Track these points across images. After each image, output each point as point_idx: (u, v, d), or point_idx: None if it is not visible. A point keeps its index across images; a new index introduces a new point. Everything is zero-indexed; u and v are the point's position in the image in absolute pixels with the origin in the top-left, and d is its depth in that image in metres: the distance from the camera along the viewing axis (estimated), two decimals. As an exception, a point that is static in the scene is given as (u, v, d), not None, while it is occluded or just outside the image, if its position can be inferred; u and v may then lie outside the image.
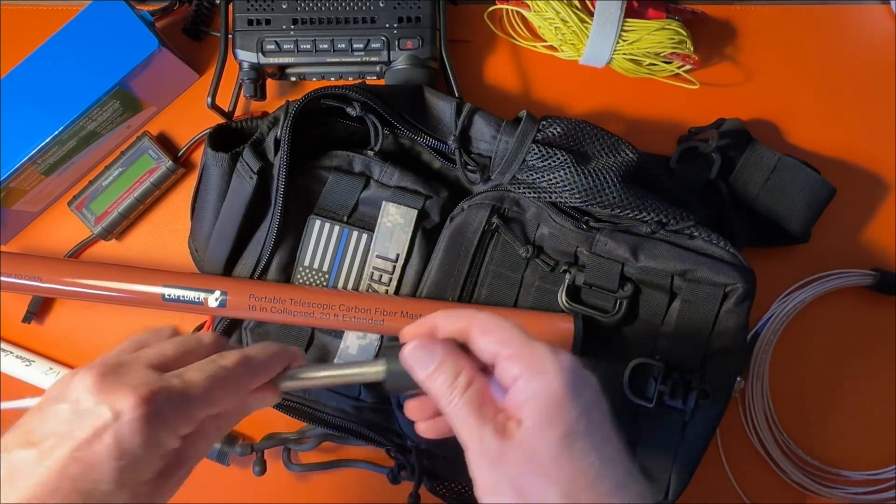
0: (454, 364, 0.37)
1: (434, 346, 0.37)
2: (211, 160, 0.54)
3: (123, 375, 0.35)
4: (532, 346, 0.36)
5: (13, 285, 0.54)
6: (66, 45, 0.56)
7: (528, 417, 0.34)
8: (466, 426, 0.35)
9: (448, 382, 0.36)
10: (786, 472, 0.59)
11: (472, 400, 0.36)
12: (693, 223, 0.51)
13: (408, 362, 0.38)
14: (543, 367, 0.35)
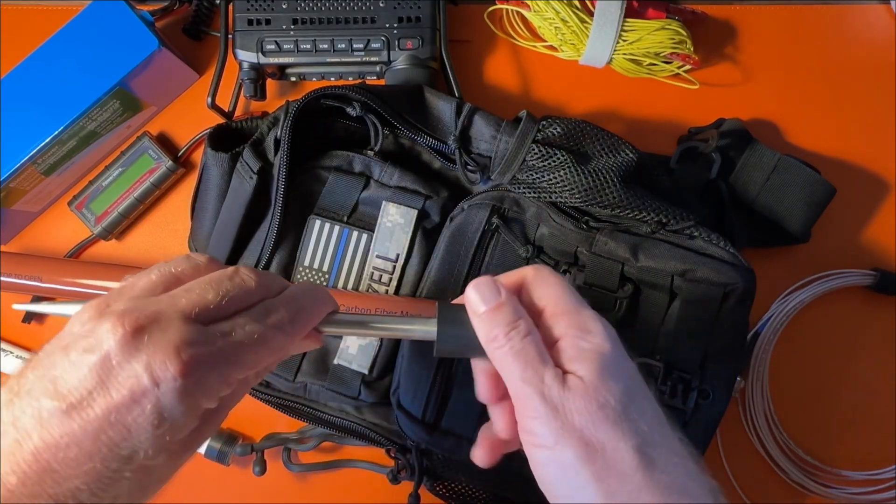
0: (516, 307, 0.36)
1: (500, 285, 0.36)
2: (211, 160, 0.54)
3: (162, 331, 0.31)
4: (581, 308, 0.36)
5: (13, 285, 0.54)
6: (66, 45, 0.56)
7: (586, 372, 0.34)
8: (525, 368, 0.34)
9: (508, 321, 0.35)
10: (786, 472, 0.59)
11: (534, 343, 0.35)
12: (693, 223, 0.51)
13: (470, 296, 0.36)
14: (592, 328, 0.35)
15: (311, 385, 0.54)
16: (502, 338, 0.35)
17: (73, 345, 0.31)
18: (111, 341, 0.30)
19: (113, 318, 0.31)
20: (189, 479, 0.62)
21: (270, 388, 0.56)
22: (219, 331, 0.32)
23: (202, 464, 0.60)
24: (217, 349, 0.32)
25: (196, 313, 0.32)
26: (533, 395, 0.34)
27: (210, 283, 0.34)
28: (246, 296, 0.34)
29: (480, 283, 0.36)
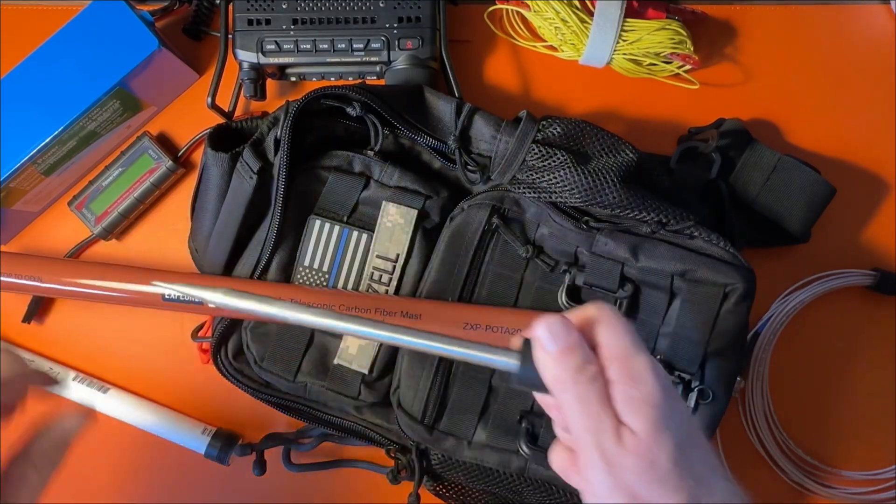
0: (586, 351, 0.36)
1: (572, 326, 0.36)
2: (211, 160, 0.54)
3: None
4: (636, 353, 0.36)
5: (13, 285, 0.54)
6: (66, 45, 0.56)
7: (639, 425, 0.34)
8: (587, 416, 0.34)
9: (577, 365, 0.35)
10: (786, 472, 0.59)
11: (599, 392, 0.35)
12: (693, 223, 0.51)
13: (541, 334, 0.36)
14: (644, 377, 0.35)
15: (311, 385, 0.54)
16: (569, 382, 0.35)
17: None
18: None
19: None
20: (189, 479, 0.62)
21: (270, 388, 0.56)
22: None
23: (202, 464, 0.60)
24: None
25: None
26: (591, 447, 0.34)
27: None
28: None
29: (552, 321, 0.36)
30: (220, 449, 0.59)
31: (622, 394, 0.35)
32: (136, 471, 0.62)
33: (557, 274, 0.54)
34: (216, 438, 0.59)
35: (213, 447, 0.59)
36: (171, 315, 0.61)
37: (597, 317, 0.37)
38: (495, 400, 0.53)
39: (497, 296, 0.54)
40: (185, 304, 0.53)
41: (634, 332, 0.37)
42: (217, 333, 0.55)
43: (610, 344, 0.36)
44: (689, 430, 0.35)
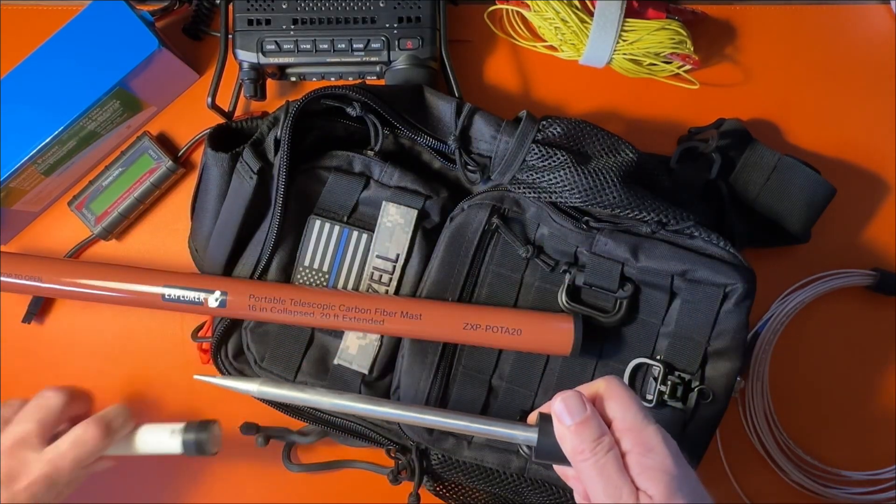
0: (601, 423, 0.39)
1: (586, 400, 0.40)
2: (211, 160, 0.54)
3: None
4: (646, 425, 0.39)
5: (13, 285, 0.54)
6: (66, 45, 0.56)
7: (655, 490, 0.37)
8: (607, 485, 0.37)
9: (593, 438, 0.38)
10: (786, 472, 0.59)
11: (615, 461, 0.38)
12: (693, 223, 0.51)
13: (558, 409, 0.39)
14: (656, 446, 0.38)
15: (311, 385, 0.54)
16: (588, 453, 0.38)
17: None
18: None
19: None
20: (189, 478, 0.62)
21: (270, 388, 0.56)
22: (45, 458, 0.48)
23: (202, 464, 0.60)
24: None
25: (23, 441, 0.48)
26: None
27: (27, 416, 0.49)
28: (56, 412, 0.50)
29: (568, 397, 0.40)
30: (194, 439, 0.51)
31: (637, 464, 0.38)
32: (133, 480, 0.62)
33: (557, 274, 0.54)
34: (187, 431, 0.52)
35: (187, 441, 0.52)
36: (171, 315, 0.61)
37: (606, 391, 0.40)
38: (495, 400, 0.53)
39: (497, 296, 0.54)
40: (184, 305, 0.53)
41: (641, 403, 0.40)
42: (217, 333, 0.55)
43: (622, 417, 0.39)
44: (700, 494, 0.38)
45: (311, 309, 0.52)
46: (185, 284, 0.53)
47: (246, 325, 0.55)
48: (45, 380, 0.62)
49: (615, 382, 0.41)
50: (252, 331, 0.55)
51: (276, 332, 0.55)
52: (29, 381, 0.62)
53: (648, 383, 0.52)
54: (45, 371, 0.62)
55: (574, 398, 0.40)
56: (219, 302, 0.52)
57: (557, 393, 0.40)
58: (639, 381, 0.53)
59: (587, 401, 0.40)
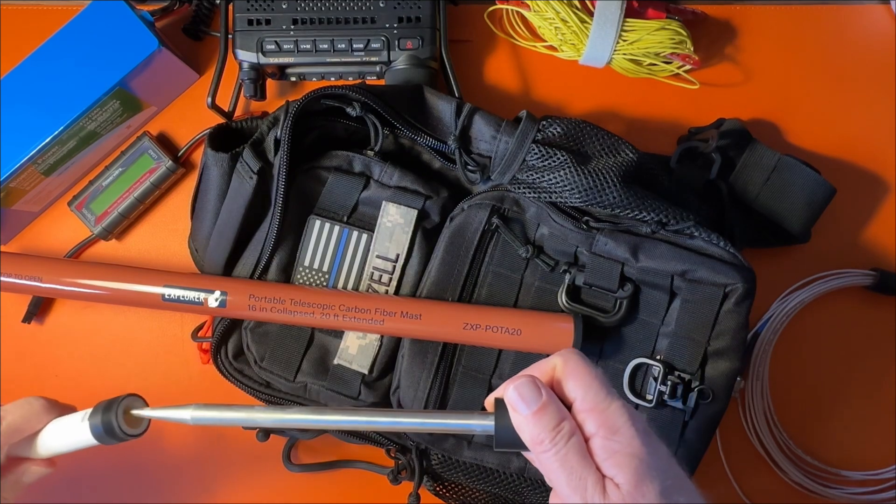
0: (559, 408, 0.36)
1: (540, 384, 0.36)
2: (211, 160, 0.54)
3: None
4: (609, 403, 0.35)
5: (13, 285, 0.54)
6: (66, 45, 0.56)
7: (623, 478, 0.34)
8: (570, 476, 0.34)
9: (552, 426, 0.35)
10: (786, 472, 0.59)
11: (577, 449, 0.35)
12: (693, 223, 0.51)
13: (512, 398, 0.36)
14: (621, 426, 0.35)
15: (311, 385, 0.54)
16: (548, 442, 0.35)
17: None
18: None
19: None
20: (189, 478, 0.62)
21: (270, 388, 0.56)
22: None
23: (202, 464, 0.60)
24: None
25: None
26: (577, 501, 0.34)
27: None
28: None
29: (521, 384, 0.36)
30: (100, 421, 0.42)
31: (602, 448, 0.35)
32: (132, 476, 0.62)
33: (557, 274, 0.54)
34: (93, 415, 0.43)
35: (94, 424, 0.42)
36: (171, 315, 0.61)
37: (563, 369, 0.37)
38: (495, 400, 0.53)
39: (497, 296, 0.54)
40: (184, 305, 0.53)
41: (602, 377, 0.36)
42: (217, 333, 0.55)
43: (583, 397, 0.36)
44: (673, 474, 0.35)
45: (311, 309, 0.52)
46: (185, 284, 0.53)
47: (246, 325, 0.55)
48: (45, 380, 0.62)
49: (573, 358, 0.37)
50: (252, 331, 0.55)
51: (276, 332, 0.55)
52: (29, 381, 0.62)
53: (648, 383, 0.52)
54: (45, 371, 0.62)
55: (527, 385, 0.36)
56: (219, 302, 0.52)
57: (509, 379, 0.37)
58: (639, 381, 0.53)
59: (542, 385, 0.36)
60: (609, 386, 0.36)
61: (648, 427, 0.36)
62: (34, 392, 0.53)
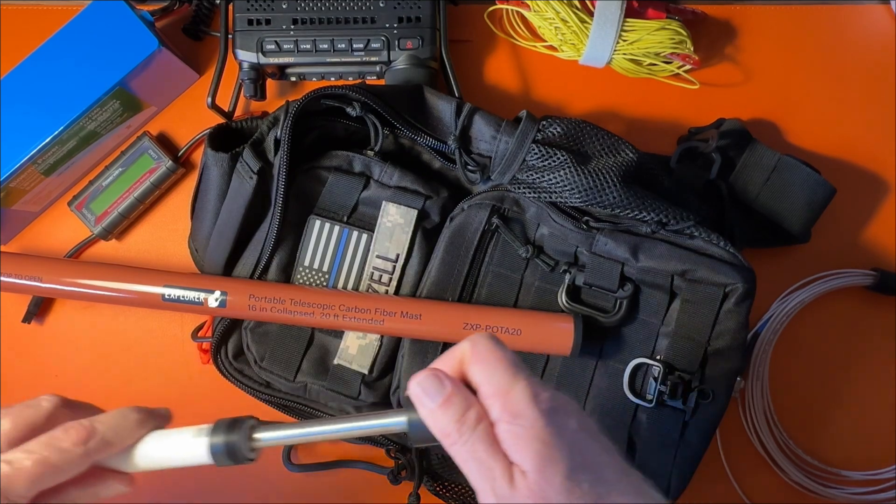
0: (464, 398, 0.35)
1: (443, 377, 0.35)
2: (211, 160, 0.54)
3: None
4: (512, 385, 0.34)
5: (13, 285, 0.54)
6: (66, 45, 0.56)
7: (528, 464, 0.33)
8: (479, 467, 0.34)
9: (457, 417, 0.34)
10: (786, 472, 0.59)
11: (484, 438, 0.34)
12: (693, 223, 0.51)
13: (415, 393, 0.35)
14: (520, 410, 0.34)
15: (311, 385, 0.54)
16: (454, 434, 0.34)
17: None
18: None
19: None
20: (188, 479, 0.62)
21: (270, 388, 0.56)
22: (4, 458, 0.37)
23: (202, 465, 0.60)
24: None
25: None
26: (488, 493, 0.34)
27: (8, 414, 0.39)
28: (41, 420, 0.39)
29: (423, 378, 0.35)
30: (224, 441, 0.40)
31: (507, 433, 0.34)
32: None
33: (557, 274, 0.54)
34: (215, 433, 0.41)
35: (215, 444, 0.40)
36: (171, 315, 0.61)
37: (469, 354, 0.36)
38: (495, 400, 0.53)
39: (497, 296, 0.54)
40: (184, 305, 0.53)
41: (509, 358, 0.35)
42: (217, 333, 0.55)
43: (484, 382, 0.35)
44: (581, 449, 0.34)
45: (311, 309, 0.52)
46: (185, 284, 0.53)
47: (246, 325, 0.55)
48: (45, 380, 0.62)
49: (479, 342, 0.36)
50: (252, 331, 0.55)
51: (276, 332, 0.55)
52: (29, 381, 0.62)
53: (648, 383, 0.52)
54: (45, 371, 0.62)
55: (429, 378, 0.35)
56: (219, 302, 0.52)
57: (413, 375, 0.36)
58: (639, 381, 0.53)
59: (445, 376, 0.35)
60: (516, 366, 0.35)
61: (559, 403, 0.35)
62: (34, 392, 0.53)
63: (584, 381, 0.53)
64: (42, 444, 0.38)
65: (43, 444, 0.37)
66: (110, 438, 0.39)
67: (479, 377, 0.35)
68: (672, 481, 0.52)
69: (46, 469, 0.37)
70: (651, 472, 0.51)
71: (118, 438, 0.40)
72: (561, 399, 0.35)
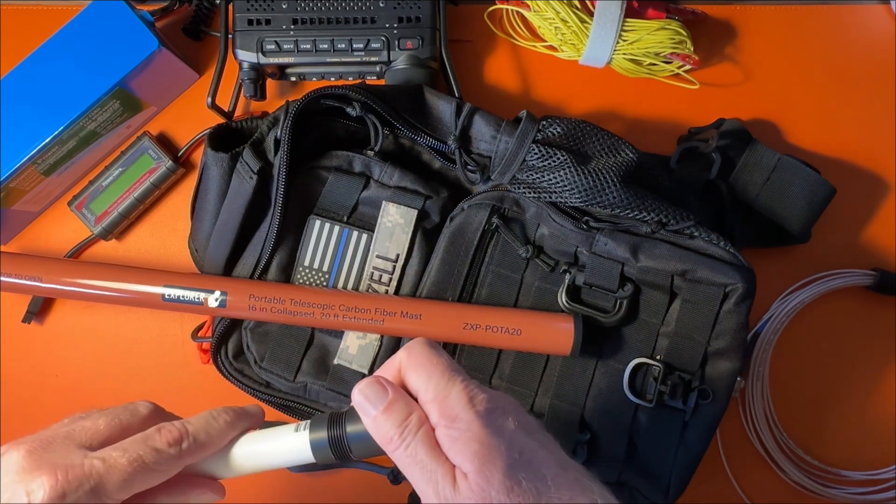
0: (405, 404, 0.36)
1: (385, 383, 0.36)
2: (211, 160, 0.54)
3: (49, 453, 0.35)
4: (449, 389, 0.35)
5: (13, 285, 0.54)
6: (66, 45, 0.56)
7: (468, 465, 0.33)
8: (421, 471, 0.34)
9: (398, 422, 0.35)
10: (786, 472, 0.59)
11: (425, 443, 0.35)
12: (693, 223, 0.51)
13: (358, 402, 0.36)
14: (457, 414, 0.34)
15: (311, 385, 0.54)
16: (397, 439, 0.35)
17: None
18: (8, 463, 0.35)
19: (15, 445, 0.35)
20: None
21: (270, 388, 0.56)
22: (98, 453, 0.36)
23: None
24: (91, 466, 0.35)
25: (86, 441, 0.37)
26: (431, 496, 0.34)
27: (104, 415, 0.39)
28: (137, 423, 0.39)
29: (365, 386, 0.36)
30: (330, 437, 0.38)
31: (445, 437, 0.34)
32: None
33: (557, 274, 0.54)
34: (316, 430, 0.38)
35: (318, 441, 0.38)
36: (171, 315, 0.61)
37: (406, 362, 0.36)
38: (495, 400, 0.53)
39: (497, 296, 0.54)
40: (184, 305, 0.53)
41: (445, 363, 0.36)
42: (217, 333, 0.55)
43: (422, 388, 0.36)
44: (520, 447, 0.35)
45: (311, 309, 0.52)
46: (185, 284, 0.53)
47: (246, 325, 0.55)
48: (45, 380, 0.62)
49: (416, 349, 0.36)
50: (252, 331, 0.55)
51: (276, 332, 0.55)
52: (29, 381, 0.62)
53: (648, 383, 0.52)
54: (46, 371, 0.62)
55: (371, 386, 0.36)
56: (219, 302, 0.52)
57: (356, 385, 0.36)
58: (639, 381, 0.53)
59: (388, 383, 0.36)
60: (452, 370, 0.36)
61: (496, 405, 0.35)
62: (34, 392, 0.53)
63: (584, 381, 0.53)
64: (137, 442, 0.37)
65: (138, 443, 0.37)
66: (203, 440, 0.39)
67: (416, 383, 0.36)
68: (672, 481, 0.52)
69: (140, 469, 0.36)
70: (651, 472, 0.52)
71: (211, 440, 0.39)
72: (499, 400, 0.36)
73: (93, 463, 0.35)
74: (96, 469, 0.35)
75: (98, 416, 0.38)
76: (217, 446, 0.40)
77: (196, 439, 0.38)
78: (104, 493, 0.35)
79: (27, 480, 0.34)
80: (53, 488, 0.34)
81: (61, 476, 0.34)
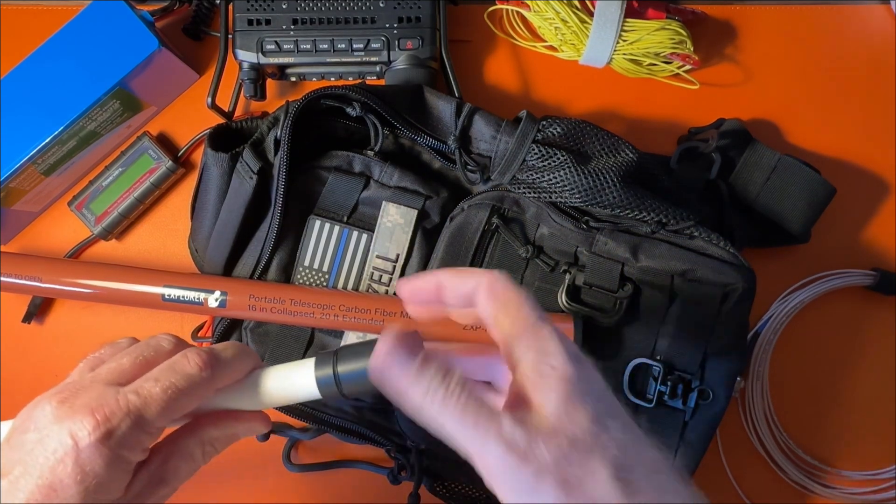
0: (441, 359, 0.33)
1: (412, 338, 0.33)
2: (211, 160, 0.54)
3: (81, 397, 0.35)
4: (541, 326, 0.34)
5: (13, 285, 0.54)
6: (66, 45, 0.56)
7: (552, 403, 0.31)
8: (479, 426, 0.31)
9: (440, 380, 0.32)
10: (786, 472, 0.59)
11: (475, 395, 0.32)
12: (693, 223, 0.51)
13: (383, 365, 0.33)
14: (552, 349, 0.33)
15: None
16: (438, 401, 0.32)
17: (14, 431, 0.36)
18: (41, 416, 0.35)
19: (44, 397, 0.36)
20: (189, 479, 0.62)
21: (270, 388, 0.56)
22: (130, 387, 0.36)
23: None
24: (127, 401, 0.35)
25: (113, 380, 0.36)
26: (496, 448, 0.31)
27: (127, 352, 0.38)
28: (162, 356, 0.38)
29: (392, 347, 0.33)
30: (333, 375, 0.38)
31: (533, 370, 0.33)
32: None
33: (557, 274, 0.54)
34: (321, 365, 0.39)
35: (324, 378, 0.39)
36: (171, 315, 0.61)
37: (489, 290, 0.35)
38: (495, 400, 0.53)
39: (497, 296, 0.54)
40: (184, 305, 0.53)
41: (535, 301, 0.34)
42: (217, 333, 0.55)
43: (513, 320, 0.34)
44: (605, 402, 0.33)
45: (311, 309, 0.52)
46: (185, 284, 0.53)
47: (246, 325, 0.55)
48: (45, 380, 0.62)
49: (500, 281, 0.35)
50: (252, 331, 0.55)
51: (276, 332, 0.55)
52: (29, 381, 0.62)
53: (648, 383, 0.52)
54: (45, 371, 0.62)
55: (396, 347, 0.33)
56: (219, 302, 0.52)
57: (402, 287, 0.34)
58: (639, 381, 0.53)
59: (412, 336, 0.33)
60: (540, 310, 0.34)
61: (580, 353, 0.34)
62: (34, 392, 0.53)
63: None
64: (166, 370, 0.36)
65: (167, 371, 0.36)
66: (229, 360, 0.38)
67: (502, 317, 0.34)
68: (672, 481, 0.52)
69: (175, 395, 0.36)
70: (651, 472, 0.52)
71: (237, 364, 0.39)
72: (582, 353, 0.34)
73: (128, 397, 0.35)
74: (133, 402, 0.35)
75: (121, 355, 0.38)
76: (242, 372, 0.39)
77: (221, 359, 0.38)
78: (145, 423, 0.35)
79: (69, 426, 0.34)
80: (97, 428, 0.33)
81: (100, 416, 0.34)
